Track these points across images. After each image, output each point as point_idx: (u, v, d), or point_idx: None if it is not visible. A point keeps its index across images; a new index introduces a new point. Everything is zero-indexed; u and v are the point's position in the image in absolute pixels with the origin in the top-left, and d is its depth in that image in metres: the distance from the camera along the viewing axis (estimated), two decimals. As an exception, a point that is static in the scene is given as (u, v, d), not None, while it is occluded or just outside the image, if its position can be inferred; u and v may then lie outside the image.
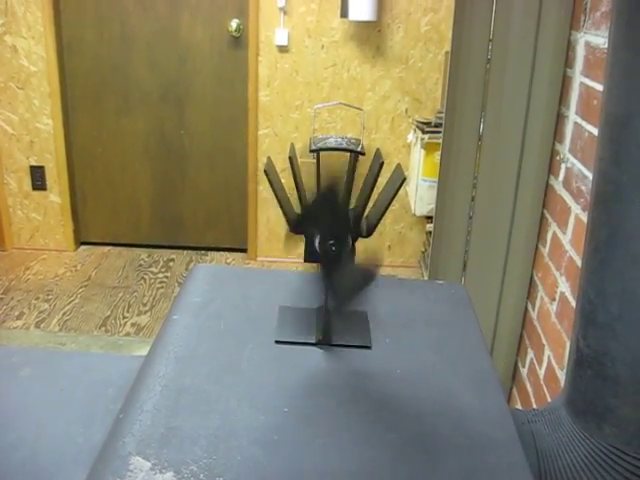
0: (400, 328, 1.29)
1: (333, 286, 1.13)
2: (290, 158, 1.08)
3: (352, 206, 1.14)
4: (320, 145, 1.06)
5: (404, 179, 1.07)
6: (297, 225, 1.12)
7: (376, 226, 1.11)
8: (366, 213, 1.14)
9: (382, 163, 1.08)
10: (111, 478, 0.88)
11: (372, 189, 1.10)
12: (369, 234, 1.12)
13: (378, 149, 1.13)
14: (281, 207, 1.10)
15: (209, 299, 1.36)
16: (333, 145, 1.07)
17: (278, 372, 1.13)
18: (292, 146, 1.11)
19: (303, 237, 1.14)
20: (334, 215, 1.06)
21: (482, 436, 1.01)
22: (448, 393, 1.11)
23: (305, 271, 1.19)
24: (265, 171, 1.09)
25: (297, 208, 1.12)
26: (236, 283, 1.45)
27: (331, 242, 1.05)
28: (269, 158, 1.12)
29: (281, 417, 1.02)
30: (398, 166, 1.12)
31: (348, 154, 1.11)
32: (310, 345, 1.20)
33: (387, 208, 1.09)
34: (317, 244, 1.07)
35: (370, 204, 1.13)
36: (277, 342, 1.21)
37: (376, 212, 1.12)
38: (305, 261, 1.13)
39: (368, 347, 1.21)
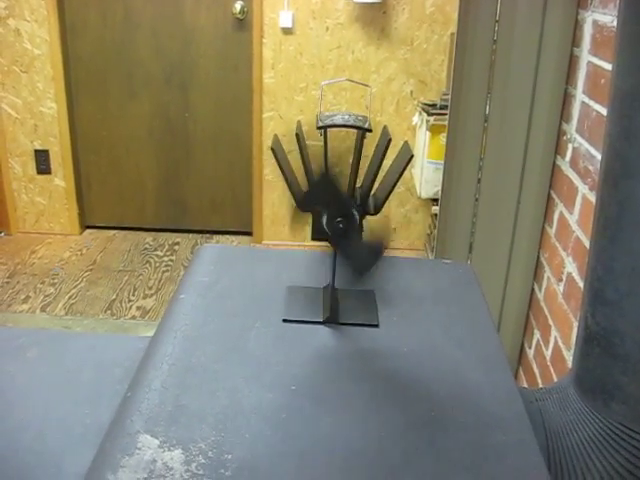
0: (408, 306, 1.28)
1: (343, 262, 1.12)
2: (297, 135, 1.07)
3: (359, 184, 1.13)
4: (327, 122, 1.05)
5: (412, 156, 1.06)
6: (304, 203, 1.11)
7: (384, 203, 1.10)
8: (373, 190, 1.13)
9: (389, 140, 1.07)
10: (120, 456, 0.88)
11: (379, 166, 1.09)
12: (377, 211, 1.11)
13: (385, 126, 1.12)
14: (287, 184, 1.10)
15: (216, 279, 1.35)
16: (340, 122, 1.06)
17: (286, 351, 1.13)
18: (299, 123, 1.10)
19: (309, 218, 1.13)
20: (339, 193, 1.05)
21: (490, 414, 1.01)
22: (456, 371, 1.11)
23: (312, 250, 1.19)
24: (272, 148, 1.08)
25: (304, 186, 1.11)
26: (243, 263, 1.45)
27: (339, 219, 1.04)
28: (276, 135, 1.11)
29: (289, 395, 1.01)
30: (405, 143, 1.11)
31: (355, 131, 1.10)
32: (317, 324, 1.20)
33: (395, 185, 1.08)
34: (325, 222, 1.06)
35: (378, 181, 1.13)
36: (284, 321, 1.21)
37: (383, 189, 1.11)
38: (312, 239, 1.13)
39: (376, 325, 1.21)
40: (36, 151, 4.32)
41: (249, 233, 4.55)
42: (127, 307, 3.65)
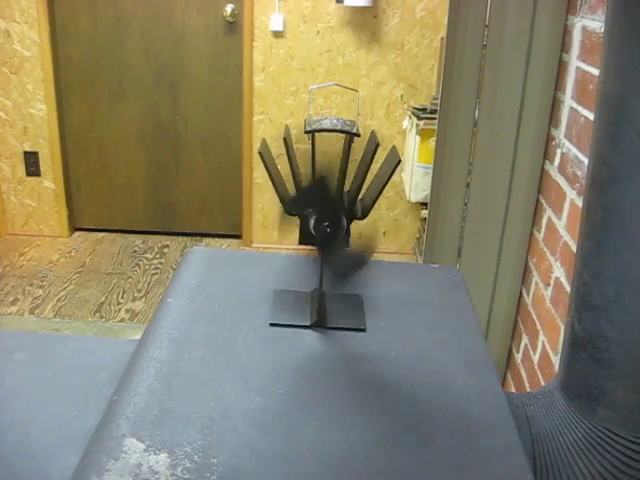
0: (395, 311, 1.28)
1: (327, 268, 1.12)
2: (285, 139, 1.07)
3: (347, 188, 1.13)
4: (315, 126, 1.05)
5: (399, 161, 1.06)
6: (292, 206, 1.11)
7: (371, 208, 1.10)
8: (361, 195, 1.13)
9: (377, 145, 1.07)
10: (105, 459, 0.87)
11: (367, 171, 1.09)
12: (364, 216, 1.11)
13: (373, 131, 1.12)
14: (275, 188, 1.10)
15: (204, 282, 1.35)
16: (328, 126, 1.06)
17: (273, 354, 1.13)
18: (287, 127, 1.10)
19: (297, 221, 1.13)
20: (328, 198, 1.05)
21: (476, 419, 1.01)
22: (443, 376, 1.11)
23: (300, 254, 1.19)
24: (260, 152, 1.08)
25: (292, 190, 1.11)
26: (231, 266, 1.45)
27: (326, 224, 1.04)
28: (264, 140, 1.11)
29: (276, 399, 1.01)
30: (393, 148, 1.11)
31: (343, 136, 1.10)
32: (305, 328, 1.20)
33: (382, 190, 1.08)
34: (312, 226, 1.06)
35: (365, 186, 1.13)
36: (272, 325, 1.21)
37: (371, 194, 1.12)
38: (300, 243, 1.13)
39: (363, 330, 1.21)
40: (25, 153, 4.31)
41: (239, 236, 4.54)
42: (116, 310, 3.65)
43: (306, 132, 1.05)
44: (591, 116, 1.83)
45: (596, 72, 1.80)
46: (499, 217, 2.35)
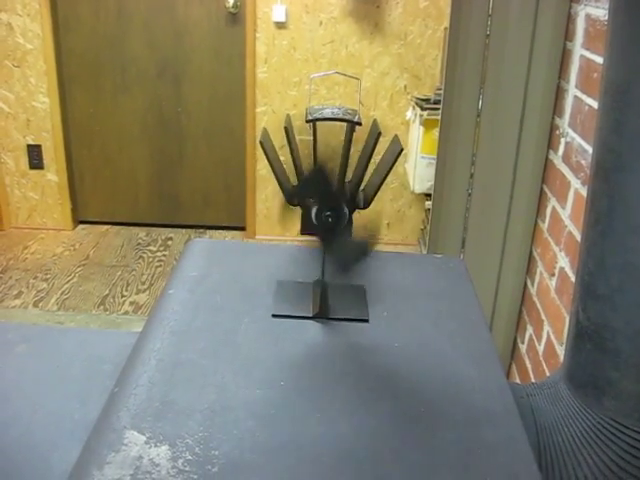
0: (398, 301, 1.27)
1: (330, 257, 1.11)
2: (286, 128, 1.06)
3: (349, 178, 1.12)
4: (316, 115, 1.04)
5: (401, 150, 1.05)
6: (293, 196, 1.10)
7: (373, 197, 1.09)
8: (363, 185, 1.12)
9: (379, 133, 1.06)
10: (106, 452, 0.87)
11: (369, 160, 1.08)
12: (366, 206, 1.10)
13: (375, 119, 1.11)
14: (276, 178, 1.09)
15: (205, 273, 1.34)
16: (329, 115, 1.05)
17: (275, 346, 1.12)
18: (288, 117, 1.09)
19: (298, 211, 1.12)
20: (329, 187, 1.04)
21: (481, 410, 1.00)
22: (446, 367, 1.10)
23: (302, 244, 1.18)
24: (261, 142, 1.07)
25: (293, 179, 1.10)
26: (233, 257, 1.44)
27: (328, 213, 1.03)
28: (265, 129, 1.10)
29: (278, 391, 1.01)
30: (395, 137, 1.10)
31: (345, 125, 1.09)
32: (307, 319, 1.19)
33: (385, 179, 1.07)
34: (314, 216, 1.05)
35: (367, 176, 1.12)
36: (274, 316, 1.20)
37: (373, 183, 1.11)
38: (302, 233, 1.12)
39: (366, 320, 1.20)
40: (29, 146, 4.31)
41: (242, 228, 4.54)
42: (120, 302, 3.64)
43: (307, 121, 1.04)
44: (595, 104, 1.81)
45: (600, 60, 1.78)
46: (503, 207, 2.33)
